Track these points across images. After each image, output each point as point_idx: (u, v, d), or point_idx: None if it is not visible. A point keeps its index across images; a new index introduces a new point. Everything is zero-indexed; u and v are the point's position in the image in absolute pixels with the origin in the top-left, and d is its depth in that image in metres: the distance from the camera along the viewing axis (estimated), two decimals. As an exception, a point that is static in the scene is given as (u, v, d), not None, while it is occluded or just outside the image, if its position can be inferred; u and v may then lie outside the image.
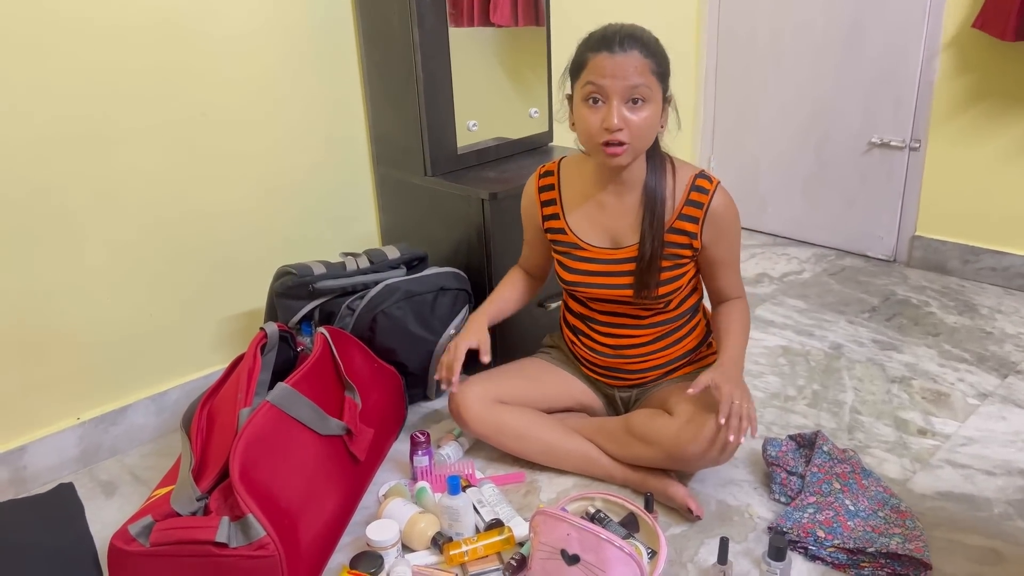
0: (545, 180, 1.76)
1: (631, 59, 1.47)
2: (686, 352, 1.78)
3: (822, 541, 1.50)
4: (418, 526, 1.55)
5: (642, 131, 1.52)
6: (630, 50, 1.47)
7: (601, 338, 1.77)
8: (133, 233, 1.88)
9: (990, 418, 1.97)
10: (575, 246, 1.71)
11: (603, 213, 1.68)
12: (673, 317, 1.73)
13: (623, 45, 1.47)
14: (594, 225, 1.69)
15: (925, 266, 2.89)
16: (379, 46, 2.14)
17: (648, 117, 1.51)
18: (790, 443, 1.78)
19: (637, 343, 1.74)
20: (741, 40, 3.20)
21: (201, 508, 1.42)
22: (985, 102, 2.62)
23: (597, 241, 1.69)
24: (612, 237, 1.68)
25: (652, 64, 1.49)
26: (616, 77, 1.47)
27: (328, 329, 1.79)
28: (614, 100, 1.49)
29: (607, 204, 1.67)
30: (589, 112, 1.52)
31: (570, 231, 1.71)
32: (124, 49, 1.77)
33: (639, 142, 1.53)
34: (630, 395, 1.82)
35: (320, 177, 2.21)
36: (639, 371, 1.77)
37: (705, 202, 1.61)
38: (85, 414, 1.89)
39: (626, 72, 1.47)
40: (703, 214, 1.61)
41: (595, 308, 1.76)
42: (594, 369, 1.83)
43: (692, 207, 1.62)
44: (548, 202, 1.75)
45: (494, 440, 1.78)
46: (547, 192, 1.75)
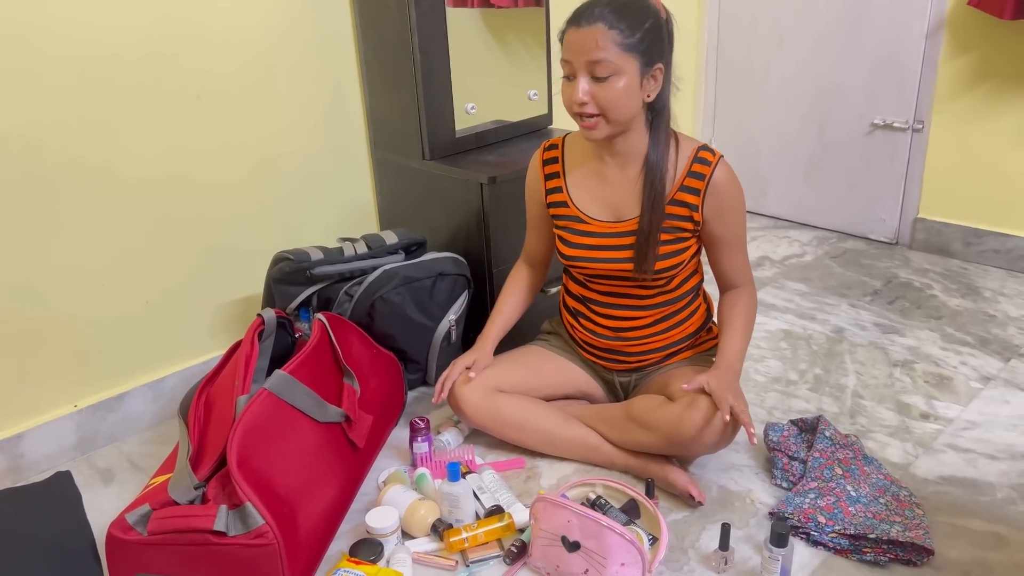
0: (549, 153, 1.75)
1: (593, 32, 1.46)
2: (686, 336, 1.77)
3: (823, 527, 1.49)
4: (418, 513, 1.55)
5: (611, 103, 1.50)
6: (595, 23, 1.46)
7: (601, 320, 1.75)
8: (129, 220, 1.86)
9: (993, 402, 1.96)
10: (576, 219, 1.69)
11: (605, 186, 1.67)
12: (673, 299, 1.71)
13: (589, 18, 1.47)
14: (596, 198, 1.68)
15: (928, 248, 2.87)
16: (376, 28, 2.11)
17: (617, 90, 1.49)
18: (792, 428, 1.77)
19: (637, 325, 1.73)
20: (743, 22, 3.17)
21: (199, 496, 1.40)
22: (988, 82, 2.59)
23: (599, 214, 1.68)
24: (614, 210, 1.66)
25: (618, 35, 1.46)
26: (579, 52, 1.48)
27: (326, 315, 1.77)
28: (579, 75, 1.50)
29: (609, 177, 1.66)
30: (565, 87, 1.54)
31: (572, 204, 1.70)
32: (117, 33, 1.75)
33: (611, 114, 1.51)
34: (630, 379, 1.81)
35: (317, 162, 2.19)
36: (639, 353, 1.76)
37: (707, 174, 1.59)
38: (82, 401, 1.88)
39: (587, 47, 1.47)
40: (704, 186, 1.60)
41: (595, 288, 1.74)
42: (594, 352, 1.81)
43: (694, 178, 1.60)
44: (552, 175, 1.74)
45: (493, 430, 1.77)
46: (551, 165, 1.74)
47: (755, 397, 2.01)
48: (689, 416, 1.57)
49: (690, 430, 1.57)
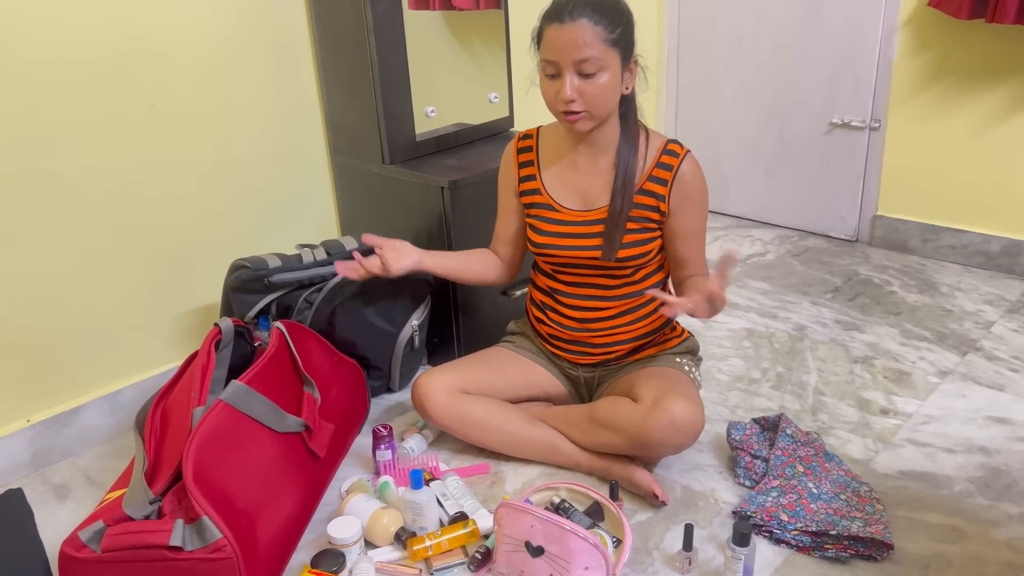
0: (524, 143, 1.78)
1: (579, 29, 1.47)
2: (650, 332, 1.77)
3: (785, 524, 1.50)
4: (381, 522, 1.53)
5: (597, 98, 1.53)
6: (579, 18, 1.47)
7: (568, 311, 1.75)
8: (81, 229, 1.82)
9: (950, 396, 1.99)
10: (548, 207, 1.71)
11: (576, 174, 1.69)
12: (638, 292, 1.72)
13: (572, 14, 1.48)
14: (567, 186, 1.70)
15: (887, 245, 2.91)
16: (332, 31, 2.09)
17: (603, 84, 1.52)
18: (754, 426, 1.78)
19: (603, 316, 1.73)
20: (702, 22, 3.19)
21: (155, 511, 1.38)
22: (943, 81, 2.63)
23: (569, 203, 1.70)
24: (584, 198, 1.69)
25: (602, 31, 1.49)
26: (565, 50, 1.49)
27: (285, 323, 1.75)
28: (566, 72, 1.51)
29: (581, 166, 1.69)
30: (547, 84, 1.56)
31: (544, 191, 1.72)
32: (69, 39, 1.71)
33: (596, 109, 1.55)
34: (594, 375, 1.81)
35: (274, 167, 2.16)
36: (604, 345, 1.76)
37: (675, 165, 1.63)
38: (35, 416, 1.84)
39: (575, 44, 1.48)
40: (672, 177, 1.63)
41: (562, 279, 1.75)
42: (560, 346, 1.81)
43: (662, 169, 1.64)
44: (526, 163, 1.76)
45: (458, 431, 1.75)
46: (525, 154, 1.77)
47: (718, 396, 2.02)
48: (653, 417, 1.57)
49: (653, 431, 1.57)
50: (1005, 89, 2.51)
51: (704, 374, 2.12)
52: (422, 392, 1.73)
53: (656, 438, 1.58)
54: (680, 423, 1.56)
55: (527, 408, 1.81)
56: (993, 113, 2.55)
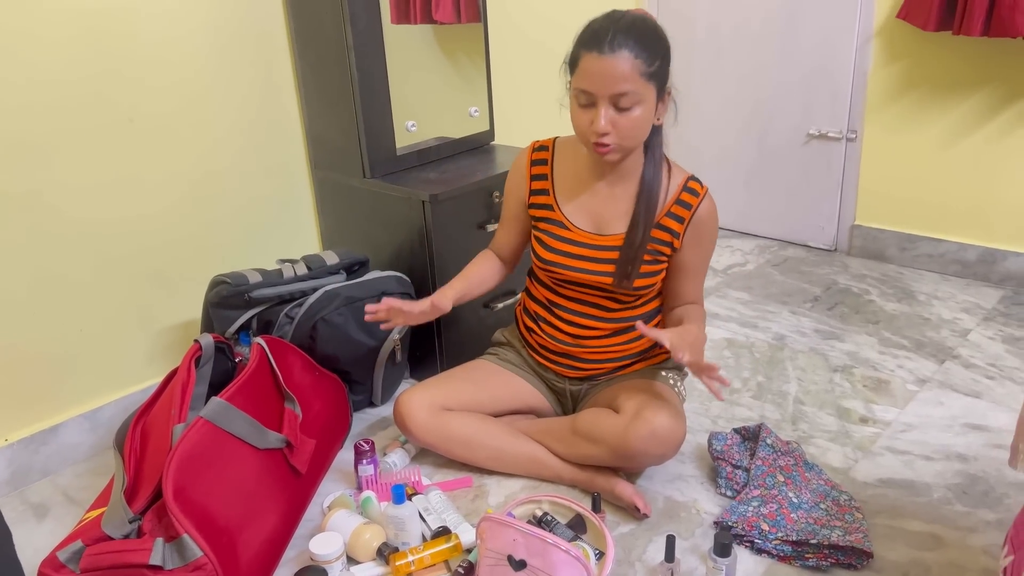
0: (539, 155, 1.74)
1: (619, 62, 1.44)
2: (641, 351, 1.78)
3: (767, 534, 1.51)
4: (363, 537, 1.52)
5: (631, 132, 1.51)
6: (619, 50, 1.44)
7: (563, 325, 1.75)
8: (60, 244, 1.81)
9: (928, 403, 2.01)
10: (560, 225, 1.69)
11: (593, 198, 1.68)
12: (636, 316, 1.73)
13: (612, 45, 1.44)
14: (582, 208, 1.68)
15: (865, 254, 2.94)
16: (312, 47, 2.09)
17: (637, 118, 1.50)
18: (735, 436, 1.79)
19: (598, 334, 1.74)
20: (680, 35, 3.22)
21: (134, 530, 1.37)
22: (916, 91, 2.67)
23: (582, 224, 1.68)
24: (597, 222, 1.68)
25: (642, 64, 1.45)
26: (603, 82, 1.46)
27: (266, 339, 1.75)
28: (601, 104, 1.48)
29: (599, 190, 1.67)
30: (580, 112, 1.52)
31: (558, 208, 1.70)
32: (46, 55, 1.70)
33: (628, 142, 1.53)
34: (580, 388, 1.81)
35: (255, 182, 2.16)
36: (594, 361, 1.77)
37: (694, 204, 1.63)
38: (13, 435, 1.82)
39: (614, 78, 1.45)
40: (689, 216, 1.63)
41: (563, 294, 1.74)
42: (549, 358, 1.81)
43: (681, 207, 1.64)
44: (539, 176, 1.73)
45: (441, 448, 1.75)
46: (539, 166, 1.73)
47: (699, 406, 2.03)
48: (634, 428, 1.58)
49: (635, 442, 1.58)
50: (976, 99, 2.55)
51: (687, 385, 2.12)
52: (403, 411, 1.73)
53: (637, 448, 1.58)
54: (661, 434, 1.57)
55: (511, 421, 1.81)
56: (966, 123, 2.59)
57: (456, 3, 2.25)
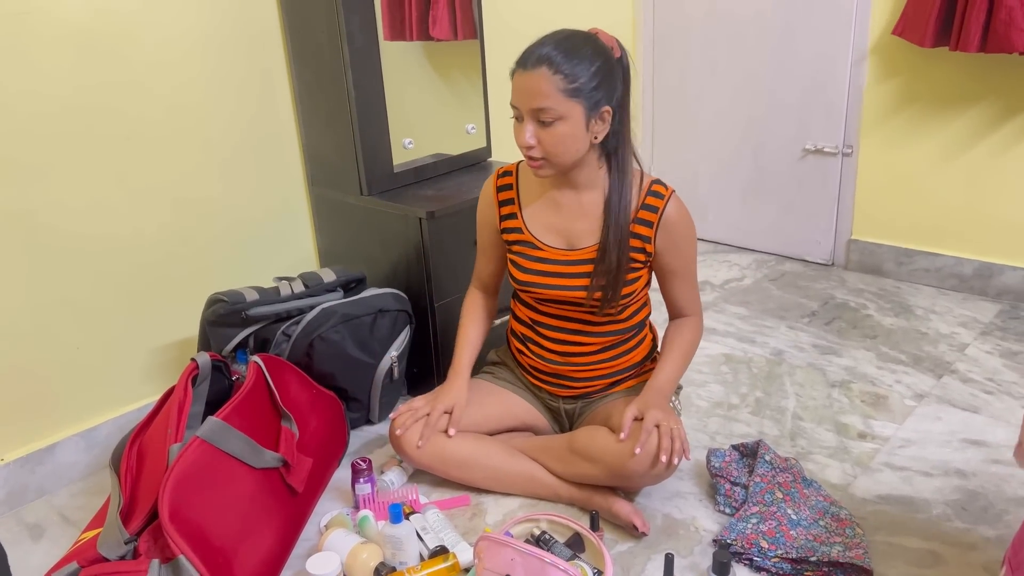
0: (503, 180, 1.76)
1: (536, 79, 1.47)
2: (632, 365, 1.78)
3: (766, 552, 1.51)
4: (360, 557, 1.51)
5: (555, 147, 1.52)
6: (536, 68, 1.47)
7: (550, 344, 1.76)
8: (56, 262, 1.81)
9: (926, 419, 2.01)
10: (531, 245, 1.70)
11: (560, 214, 1.68)
12: (621, 329, 1.73)
13: (532, 63, 1.48)
14: (550, 226, 1.69)
15: (862, 269, 2.95)
16: (309, 65, 2.10)
17: (561, 134, 1.51)
18: (733, 453, 1.78)
19: (585, 351, 1.74)
20: (676, 51, 3.24)
21: (130, 551, 1.36)
22: (912, 107, 2.68)
23: (553, 241, 1.69)
24: (567, 239, 1.68)
25: (560, 81, 1.46)
26: (523, 97, 1.51)
27: (262, 357, 1.74)
28: (526, 119, 1.52)
29: (564, 205, 1.68)
30: (515, 126, 1.57)
31: (527, 230, 1.71)
32: (41, 73, 1.71)
33: (556, 157, 1.54)
34: (575, 407, 1.81)
35: (252, 200, 2.16)
36: (585, 379, 1.77)
37: (660, 207, 1.63)
38: (9, 454, 1.81)
39: (530, 93, 1.49)
40: (657, 219, 1.63)
41: (545, 312, 1.74)
42: (540, 378, 1.81)
43: (647, 211, 1.63)
44: (506, 201, 1.75)
45: (438, 470, 1.75)
46: (505, 192, 1.75)
47: (697, 422, 2.03)
48: (630, 447, 1.58)
49: (631, 461, 1.57)
50: (973, 114, 2.56)
51: (683, 400, 2.13)
52: (399, 434, 1.73)
53: (633, 469, 1.58)
54: (661, 463, 1.56)
55: (507, 439, 1.81)
56: (962, 138, 2.60)
57: (453, 20, 2.26)
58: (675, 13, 3.19)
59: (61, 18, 1.72)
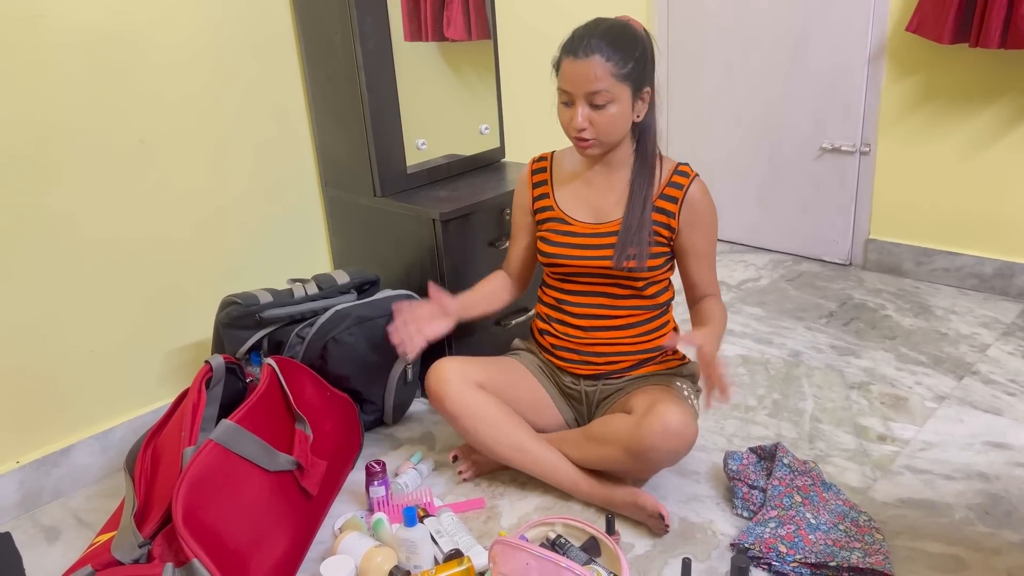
0: (538, 164, 1.85)
1: (591, 65, 1.56)
2: (654, 348, 1.78)
3: (784, 556, 1.48)
4: (374, 561, 1.50)
5: (607, 128, 1.62)
6: (591, 55, 1.56)
7: (573, 319, 1.77)
8: (70, 267, 1.81)
9: (948, 421, 1.98)
10: (561, 220, 1.77)
11: (590, 189, 1.76)
12: (645, 306, 1.74)
13: (585, 50, 1.57)
14: (580, 201, 1.77)
15: (880, 269, 2.91)
16: (322, 66, 2.10)
17: (613, 115, 1.61)
18: (751, 456, 1.76)
19: (609, 325, 1.75)
20: (691, 50, 3.21)
21: (144, 555, 1.36)
22: (930, 105, 2.65)
23: (582, 216, 1.76)
24: (596, 212, 1.75)
25: (613, 67, 1.57)
26: (577, 83, 1.59)
27: (276, 359, 1.74)
28: (578, 103, 1.61)
29: (594, 182, 1.76)
30: (563, 110, 1.66)
31: (557, 207, 1.79)
32: (55, 77, 1.71)
33: (606, 136, 1.64)
34: (595, 389, 1.80)
35: (267, 202, 2.16)
36: (608, 355, 1.76)
37: (685, 185, 1.71)
38: (25, 457, 1.82)
39: (587, 79, 1.57)
40: (682, 196, 1.70)
41: (570, 289, 1.78)
42: (562, 356, 1.81)
43: (673, 188, 1.71)
44: (540, 183, 1.83)
45: (467, 422, 1.72)
46: (539, 174, 1.84)
47: (714, 424, 2.01)
48: (647, 423, 1.56)
49: (648, 437, 1.55)
50: (993, 111, 2.52)
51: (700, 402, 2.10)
52: (439, 373, 1.73)
53: (649, 443, 1.56)
54: (673, 428, 1.55)
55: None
56: (982, 135, 2.57)
57: (467, 20, 2.26)
58: (690, 11, 3.17)
59: (76, 21, 1.73)
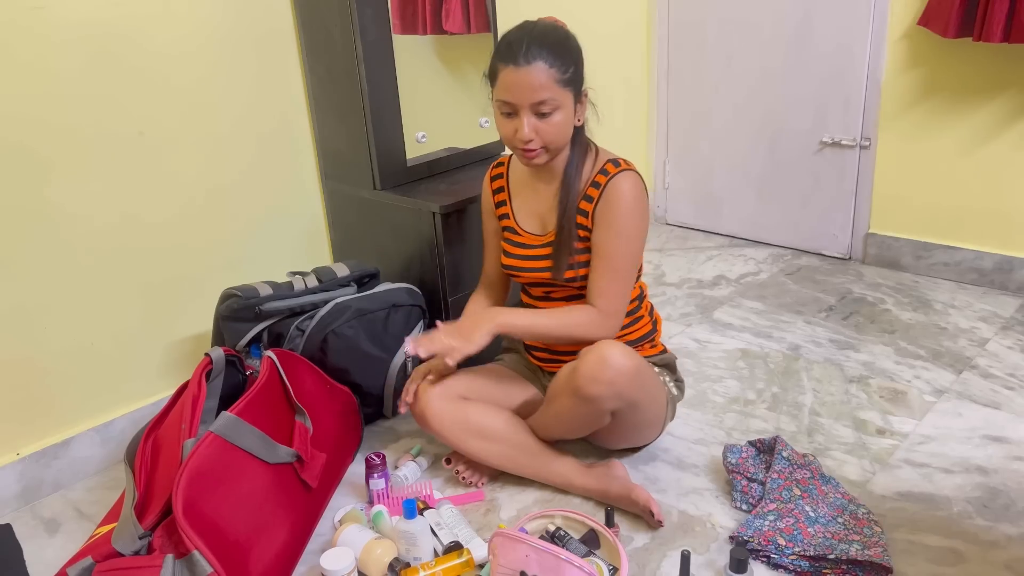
0: (496, 171, 1.84)
1: (534, 73, 1.51)
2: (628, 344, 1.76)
3: (783, 549, 1.49)
4: (374, 553, 1.51)
5: (554, 136, 1.58)
6: (534, 61, 1.50)
7: None
8: (70, 258, 1.81)
9: (946, 415, 1.98)
10: (513, 231, 1.78)
11: (536, 199, 1.75)
12: None
13: (527, 57, 1.50)
14: (529, 212, 1.76)
15: (880, 263, 2.91)
16: (322, 59, 2.09)
17: (558, 122, 1.57)
18: (750, 449, 1.77)
19: None
20: (691, 43, 3.21)
21: (144, 546, 1.36)
22: (931, 99, 2.64)
23: (529, 227, 1.76)
24: (541, 222, 1.75)
25: (557, 72, 1.52)
26: (521, 93, 1.53)
27: (276, 352, 1.74)
28: (523, 113, 1.55)
29: (539, 191, 1.74)
30: (504, 121, 1.60)
31: (512, 217, 1.78)
32: (55, 69, 1.71)
33: (552, 144, 1.59)
34: None
35: (266, 195, 2.16)
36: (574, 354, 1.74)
37: (603, 183, 1.64)
38: (25, 449, 1.82)
39: (531, 87, 1.52)
40: (598, 194, 1.64)
41: (533, 294, 1.80)
42: (540, 356, 1.84)
43: (593, 188, 1.66)
44: (498, 190, 1.82)
45: (455, 437, 1.72)
46: (497, 181, 1.83)
47: (713, 418, 2.01)
48: (584, 357, 1.56)
49: (585, 368, 1.54)
50: (994, 106, 2.52)
51: (699, 396, 2.11)
52: (421, 396, 1.71)
53: (588, 374, 1.53)
54: (612, 361, 1.52)
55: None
56: (982, 130, 2.56)
57: (466, 13, 2.25)
58: (690, 3, 3.16)
59: (76, 13, 1.72)
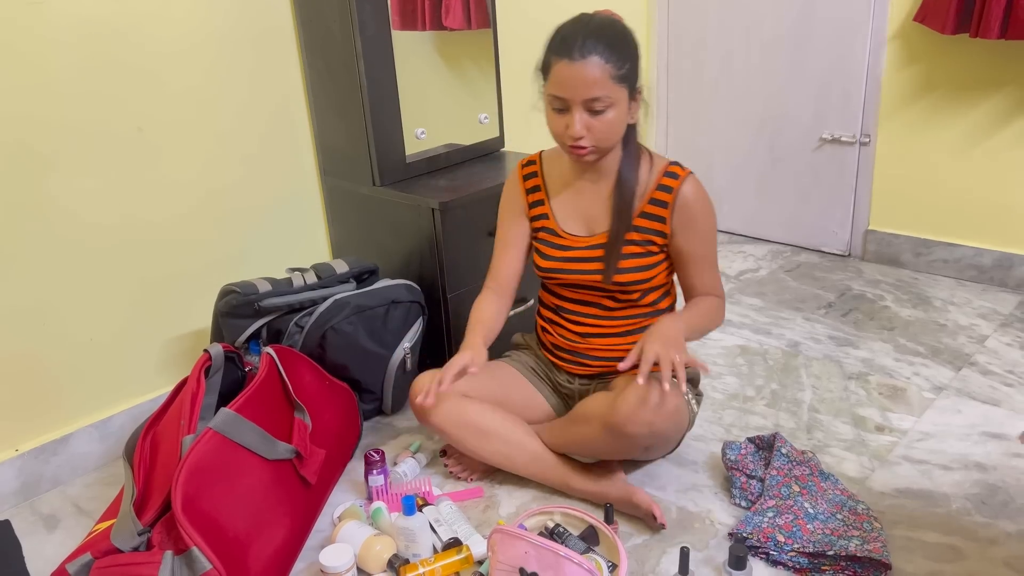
0: (528, 169, 1.77)
1: (589, 68, 1.46)
2: None
3: (782, 545, 1.49)
4: (373, 549, 1.51)
5: (605, 133, 1.53)
6: (589, 56, 1.45)
7: (571, 326, 1.76)
8: (69, 254, 1.81)
9: (945, 411, 1.98)
10: (554, 233, 1.72)
11: (581, 200, 1.69)
12: (643, 313, 1.72)
13: (582, 51, 1.45)
14: (572, 212, 1.70)
15: (879, 260, 2.91)
16: (321, 55, 2.09)
17: (611, 120, 1.52)
18: (749, 446, 1.77)
19: (605, 332, 1.73)
20: (691, 40, 3.20)
21: (143, 543, 1.36)
22: (931, 95, 2.64)
23: (573, 229, 1.70)
24: (587, 224, 1.69)
25: (612, 68, 1.47)
26: (576, 89, 1.48)
27: (275, 348, 1.74)
28: (575, 110, 1.50)
29: (585, 191, 1.69)
30: (555, 117, 1.55)
31: (552, 217, 1.72)
32: (54, 64, 1.71)
33: (604, 143, 1.55)
34: (588, 387, 1.79)
35: (265, 191, 2.16)
36: (601, 359, 1.75)
37: (675, 187, 1.62)
38: (24, 444, 1.82)
39: (585, 83, 1.47)
40: (672, 200, 1.62)
41: (566, 296, 1.75)
42: (560, 355, 1.80)
43: (662, 192, 1.63)
44: (533, 189, 1.75)
45: (454, 435, 1.71)
46: (531, 180, 1.76)
47: (713, 414, 2.01)
48: (624, 395, 1.54)
49: (623, 407, 1.52)
50: (993, 102, 2.52)
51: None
52: (421, 388, 1.68)
53: (625, 414, 1.51)
54: (652, 400, 1.50)
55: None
56: (982, 126, 2.56)
57: (466, 9, 2.25)
58: (690, 2, 3.15)
59: (75, 9, 1.72)
